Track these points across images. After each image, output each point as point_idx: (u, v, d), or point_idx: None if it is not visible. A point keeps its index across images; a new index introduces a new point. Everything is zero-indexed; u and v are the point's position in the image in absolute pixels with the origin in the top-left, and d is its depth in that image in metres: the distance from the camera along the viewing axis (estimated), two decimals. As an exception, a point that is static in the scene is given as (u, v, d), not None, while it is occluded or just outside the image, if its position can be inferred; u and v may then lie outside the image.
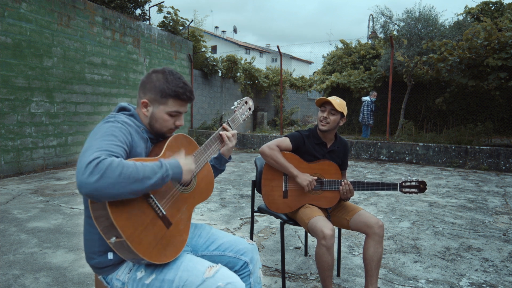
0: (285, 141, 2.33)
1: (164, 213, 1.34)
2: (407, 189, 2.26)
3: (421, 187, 2.27)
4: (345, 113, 2.33)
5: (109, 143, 1.21)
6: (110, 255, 1.34)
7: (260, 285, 1.63)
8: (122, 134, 1.29)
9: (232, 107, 1.82)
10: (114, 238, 1.17)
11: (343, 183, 2.25)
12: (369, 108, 10.54)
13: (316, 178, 2.27)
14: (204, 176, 1.60)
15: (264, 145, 2.32)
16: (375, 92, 10.79)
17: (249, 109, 1.87)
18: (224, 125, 1.70)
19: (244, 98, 1.86)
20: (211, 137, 1.62)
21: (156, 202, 1.31)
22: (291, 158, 2.31)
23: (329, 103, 2.28)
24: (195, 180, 1.54)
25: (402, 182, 2.26)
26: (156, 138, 1.52)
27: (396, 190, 2.26)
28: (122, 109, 1.50)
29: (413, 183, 2.26)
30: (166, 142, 1.45)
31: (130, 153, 1.32)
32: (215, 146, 1.64)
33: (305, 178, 2.23)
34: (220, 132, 1.67)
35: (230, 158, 1.78)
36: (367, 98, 10.63)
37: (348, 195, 2.27)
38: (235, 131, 1.72)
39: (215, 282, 1.28)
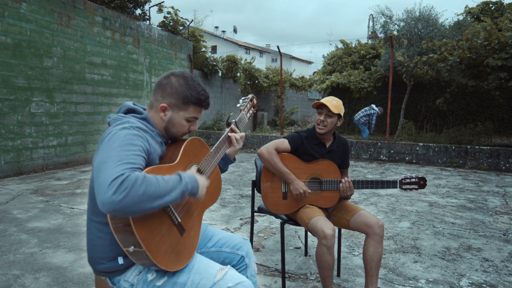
0: (284, 143, 2.32)
1: (180, 220, 1.34)
2: (407, 186, 2.26)
3: (421, 183, 2.27)
4: (342, 113, 2.32)
5: (129, 154, 1.16)
6: (121, 260, 1.31)
7: (255, 278, 1.66)
8: (141, 142, 1.25)
9: (238, 105, 1.83)
10: (132, 247, 1.16)
11: (343, 180, 2.25)
12: (375, 118, 10.57)
13: (313, 179, 2.27)
14: (214, 179, 1.61)
15: (262, 147, 2.30)
16: (382, 109, 10.77)
17: (253, 107, 1.90)
18: (232, 126, 1.71)
19: (249, 96, 1.88)
20: (220, 139, 1.63)
21: (173, 210, 1.31)
22: (289, 158, 2.31)
23: (326, 106, 2.28)
24: None
25: (402, 179, 2.26)
26: (167, 141, 1.51)
27: (396, 187, 2.26)
28: (130, 111, 1.43)
29: (413, 180, 2.26)
30: (182, 146, 1.44)
31: (148, 160, 1.29)
32: (224, 148, 1.65)
33: (297, 188, 2.22)
34: (229, 134, 1.68)
35: (234, 159, 1.80)
36: (376, 109, 10.52)
37: (348, 193, 2.26)
38: (243, 134, 1.73)
39: (225, 283, 1.30)
